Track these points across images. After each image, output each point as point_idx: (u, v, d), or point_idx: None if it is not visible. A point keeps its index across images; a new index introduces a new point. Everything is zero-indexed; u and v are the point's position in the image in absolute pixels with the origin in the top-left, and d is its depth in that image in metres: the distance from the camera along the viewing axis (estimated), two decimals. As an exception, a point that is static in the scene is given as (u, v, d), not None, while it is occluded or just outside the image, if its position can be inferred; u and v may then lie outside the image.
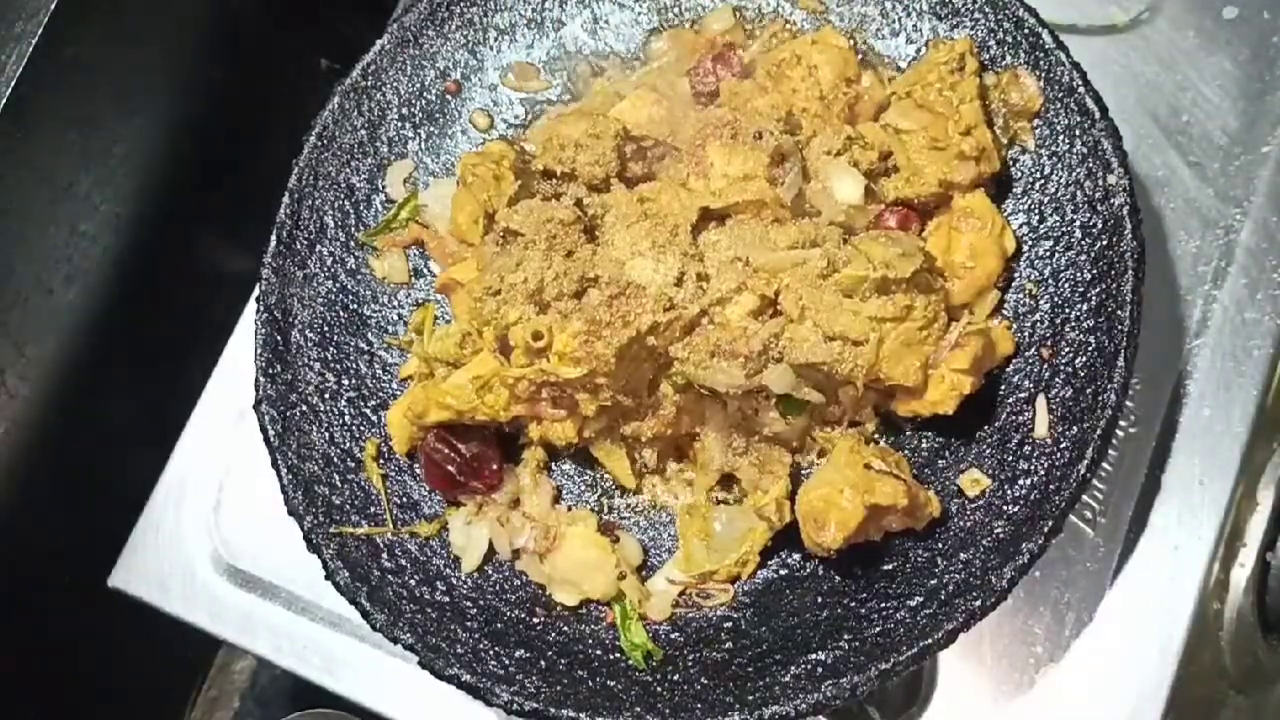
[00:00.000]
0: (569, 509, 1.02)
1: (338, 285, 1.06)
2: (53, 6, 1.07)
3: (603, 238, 0.95)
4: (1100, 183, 0.94)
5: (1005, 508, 0.92)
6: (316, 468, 1.00)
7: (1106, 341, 0.91)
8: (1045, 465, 0.92)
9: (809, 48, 1.01)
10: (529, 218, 0.94)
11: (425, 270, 1.08)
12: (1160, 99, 1.11)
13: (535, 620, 0.98)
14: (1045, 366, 0.95)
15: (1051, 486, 0.91)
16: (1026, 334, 0.96)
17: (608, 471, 1.02)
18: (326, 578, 0.97)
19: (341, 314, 1.05)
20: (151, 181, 1.26)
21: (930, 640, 0.89)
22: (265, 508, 1.03)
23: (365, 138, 1.08)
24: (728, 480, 1.00)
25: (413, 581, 0.98)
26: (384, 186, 1.08)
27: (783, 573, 0.98)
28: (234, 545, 1.14)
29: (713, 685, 0.92)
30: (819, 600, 0.95)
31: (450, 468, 0.99)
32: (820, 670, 0.91)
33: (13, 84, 1.06)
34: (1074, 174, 0.96)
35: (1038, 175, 0.98)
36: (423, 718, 1.08)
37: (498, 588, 0.99)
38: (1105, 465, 1.02)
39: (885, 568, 0.94)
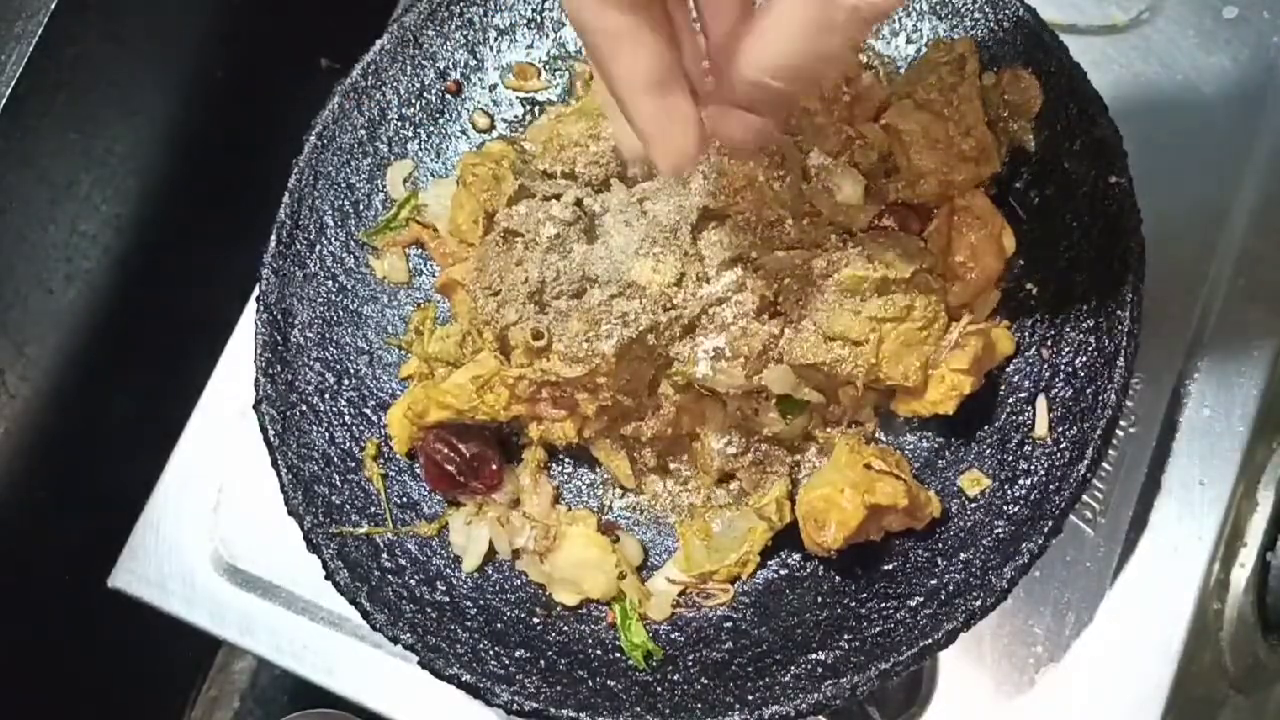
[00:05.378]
0: (569, 509, 1.02)
1: (338, 285, 1.06)
2: (53, 6, 1.06)
3: (602, 238, 0.95)
4: (1100, 183, 0.94)
5: (1005, 508, 0.92)
6: (316, 468, 1.00)
7: (1106, 341, 0.91)
8: (1045, 465, 0.92)
9: (809, 48, 1.01)
10: (529, 218, 0.94)
11: (425, 270, 1.08)
12: (1160, 99, 1.11)
13: (535, 620, 0.98)
14: (1045, 366, 0.95)
15: (1051, 486, 0.91)
16: (1026, 334, 0.96)
17: (608, 471, 1.02)
18: (326, 578, 0.97)
19: (341, 314, 1.05)
20: (152, 181, 1.25)
21: (930, 640, 0.89)
22: (265, 508, 1.03)
23: (365, 138, 1.07)
24: (728, 480, 1.00)
25: (413, 581, 0.98)
26: (384, 186, 1.08)
27: (783, 573, 0.98)
28: (234, 545, 1.14)
29: (713, 685, 0.92)
30: (819, 600, 0.95)
31: (450, 468, 0.99)
32: (820, 670, 0.91)
33: (13, 84, 1.06)
34: (1074, 174, 0.96)
35: (1038, 175, 0.98)
36: (423, 718, 1.08)
37: (498, 588, 0.99)
38: (1105, 465, 1.02)
39: (885, 568, 0.94)
